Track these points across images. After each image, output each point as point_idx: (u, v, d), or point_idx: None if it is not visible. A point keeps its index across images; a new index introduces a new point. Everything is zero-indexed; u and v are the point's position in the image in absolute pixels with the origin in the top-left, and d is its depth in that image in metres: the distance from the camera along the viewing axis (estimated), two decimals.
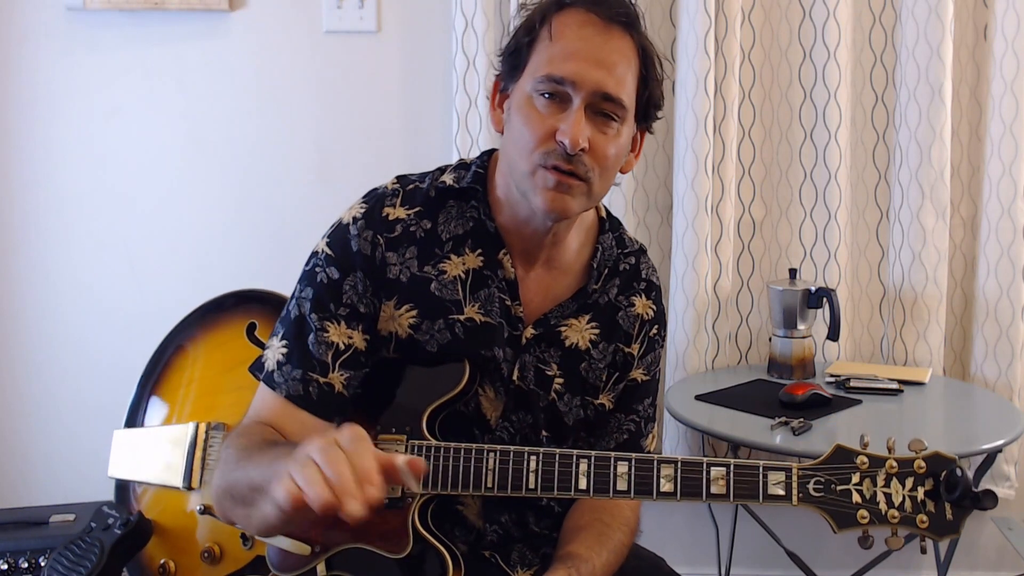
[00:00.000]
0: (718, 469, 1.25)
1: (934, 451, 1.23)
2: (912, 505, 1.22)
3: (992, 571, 2.66)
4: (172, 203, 2.57)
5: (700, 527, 2.57)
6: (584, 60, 1.30)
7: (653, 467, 1.27)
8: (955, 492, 1.19)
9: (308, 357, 1.36)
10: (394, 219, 1.39)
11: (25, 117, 2.53)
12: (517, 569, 1.45)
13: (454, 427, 1.39)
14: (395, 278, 1.38)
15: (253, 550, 1.41)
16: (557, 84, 1.30)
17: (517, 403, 1.42)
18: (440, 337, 1.38)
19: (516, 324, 1.41)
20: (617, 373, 1.48)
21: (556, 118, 1.31)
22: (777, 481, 1.24)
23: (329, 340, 1.36)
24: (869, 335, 2.57)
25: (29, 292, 2.59)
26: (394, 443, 1.34)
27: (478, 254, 1.41)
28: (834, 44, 2.40)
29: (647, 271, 1.53)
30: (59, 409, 2.61)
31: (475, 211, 1.42)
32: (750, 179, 2.51)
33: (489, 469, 1.30)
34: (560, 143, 1.29)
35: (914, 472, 1.22)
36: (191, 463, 1.45)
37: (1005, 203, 2.40)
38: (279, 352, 1.37)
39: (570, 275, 1.46)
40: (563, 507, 1.50)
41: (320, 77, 2.53)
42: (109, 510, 1.48)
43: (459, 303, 1.39)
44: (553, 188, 1.31)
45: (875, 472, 1.23)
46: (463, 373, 1.36)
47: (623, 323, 1.48)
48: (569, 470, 1.29)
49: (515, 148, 1.35)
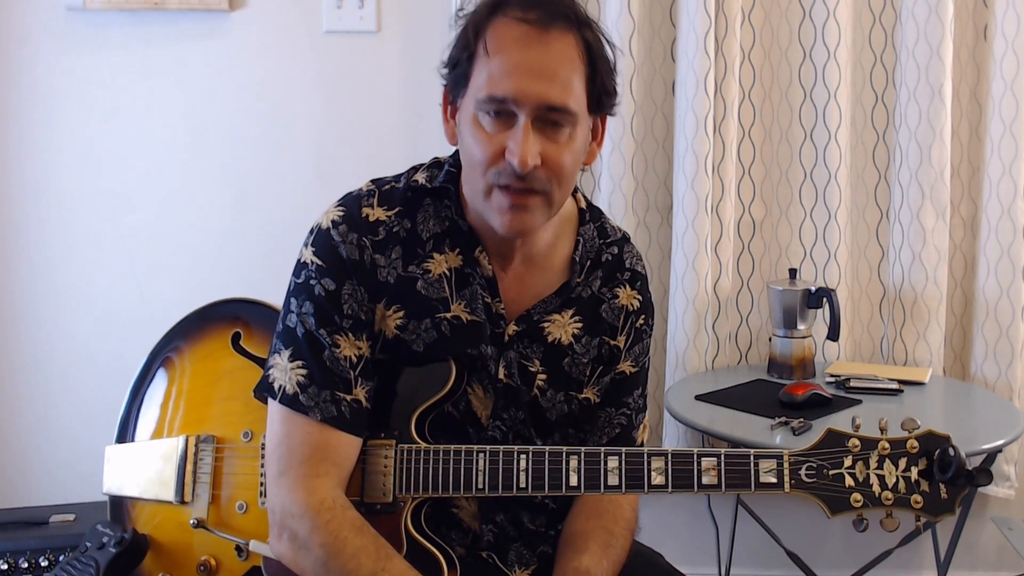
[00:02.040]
0: (709, 459, 1.25)
1: (927, 430, 1.22)
2: (906, 486, 1.21)
3: (992, 571, 2.66)
4: (171, 203, 2.57)
5: (700, 527, 2.57)
6: (524, 74, 1.26)
7: (643, 460, 1.27)
8: (949, 471, 1.18)
9: (331, 376, 1.33)
10: (375, 220, 1.37)
11: (25, 117, 2.52)
12: (515, 568, 1.45)
13: (447, 428, 1.39)
14: (384, 280, 1.37)
15: (248, 561, 1.41)
16: (500, 103, 1.27)
17: (507, 400, 1.41)
18: (427, 336, 1.37)
19: (498, 321, 1.40)
20: (602, 367, 1.47)
21: (504, 135, 1.28)
22: (769, 469, 1.24)
23: (344, 355, 1.34)
24: (869, 335, 2.57)
25: (29, 292, 2.59)
26: (383, 447, 1.34)
27: (457, 253, 1.40)
28: (834, 44, 2.40)
29: (631, 260, 1.51)
30: (59, 409, 2.61)
31: (448, 210, 1.41)
32: (750, 179, 2.51)
33: (479, 470, 1.31)
34: (509, 163, 1.27)
35: (907, 452, 1.22)
36: (182, 477, 1.45)
37: (1005, 203, 2.40)
38: (298, 374, 1.33)
39: (551, 271, 1.44)
40: (557, 504, 1.50)
41: (320, 77, 2.53)
42: (103, 528, 1.47)
43: (446, 301, 1.38)
44: (509, 209, 1.30)
45: (867, 455, 1.22)
46: (450, 373, 1.35)
47: (607, 316, 1.47)
48: (559, 467, 1.29)
49: (468, 167, 1.34)
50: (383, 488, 1.34)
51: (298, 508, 1.29)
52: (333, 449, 1.32)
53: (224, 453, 1.45)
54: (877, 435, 1.23)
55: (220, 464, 1.44)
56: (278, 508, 1.31)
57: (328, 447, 1.32)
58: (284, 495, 1.31)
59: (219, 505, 1.43)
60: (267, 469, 1.35)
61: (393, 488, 1.33)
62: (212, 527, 1.42)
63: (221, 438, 1.45)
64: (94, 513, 2.17)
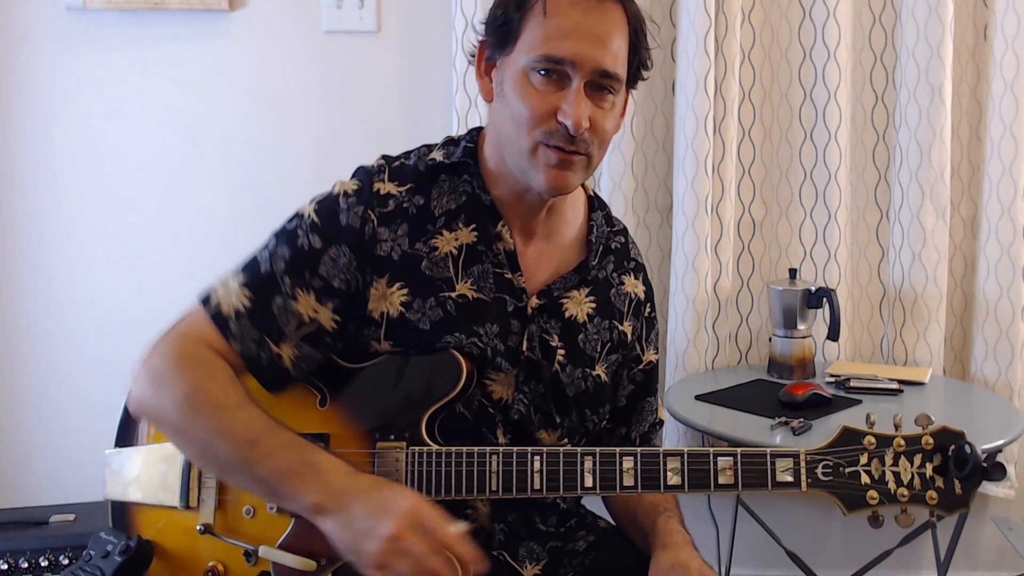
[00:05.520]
0: (725, 459, 1.25)
1: (941, 425, 1.22)
2: (921, 482, 1.22)
3: (992, 571, 2.66)
4: (172, 203, 2.57)
5: (700, 527, 2.57)
6: (582, 38, 1.29)
7: (659, 460, 1.26)
8: (966, 469, 1.18)
9: (271, 321, 1.33)
10: (386, 194, 1.38)
11: (25, 117, 2.52)
12: (526, 564, 1.44)
13: (465, 423, 1.38)
14: (386, 255, 1.37)
15: (257, 567, 1.38)
16: (556, 64, 1.29)
17: (528, 374, 1.41)
18: (432, 315, 1.37)
19: (520, 295, 1.41)
20: (610, 344, 1.48)
21: (555, 96, 1.30)
22: (785, 468, 1.24)
23: (296, 310, 1.33)
24: (869, 335, 2.57)
25: (29, 292, 2.58)
26: (393, 451, 1.33)
27: (472, 229, 1.40)
28: (834, 44, 2.40)
29: (635, 251, 1.57)
30: (59, 409, 2.61)
31: (468, 185, 1.41)
32: (750, 179, 2.51)
33: (492, 472, 1.29)
34: (562, 124, 1.29)
35: (922, 448, 1.22)
36: (187, 481, 1.41)
37: (1005, 203, 2.40)
38: (241, 300, 1.34)
39: (569, 249, 1.47)
40: (568, 504, 1.50)
41: (320, 77, 2.53)
42: (107, 536, 1.42)
43: (450, 280, 1.38)
44: (556, 166, 1.32)
45: (883, 452, 1.23)
46: (460, 371, 1.34)
47: (615, 300, 1.50)
48: (574, 468, 1.28)
49: (512, 125, 1.34)
50: None
51: (166, 345, 1.32)
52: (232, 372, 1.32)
53: None
54: (892, 432, 1.23)
55: None
56: (143, 355, 1.32)
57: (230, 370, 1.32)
58: (154, 345, 1.33)
59: (226, 510, 1.39)
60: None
61: None
62: (219, 532, 1.38)
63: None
64: (94, 513, 2.17)
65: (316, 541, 1.31)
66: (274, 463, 1.25)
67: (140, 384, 1.33)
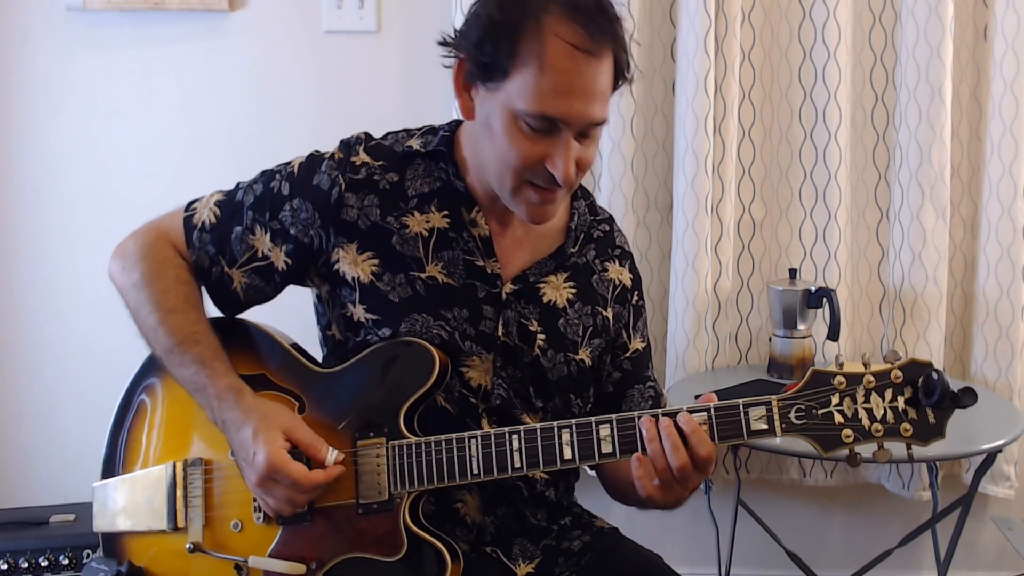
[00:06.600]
0: (700, 415, 1.26)
1: (909, 359, 1.23)
2: (894, 416, 1.22)
3: (992, 571, 2.66)
4: (172, 203, 2.55)
5: (700, 527, 2.57)
6: (577, 96, 1.29)
7: (635, 424, 1.28)
8: (933, 396, 1.19)
9: (227, 245, 1.43)
10: (360, 163, 1.43)
11: (25, 117, 2.52)
12: (519, 563, 1.45)
13: (449, 400, 1.40)
14: (353, 221, 1.40)
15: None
16: (549, 120, 1.29)
17: (505, 359, 1.42)
18: (402, 291, 1.40)
19: (493, 281, 1.42)
20: (592, 328, 1.49)
21: (545, 144, 1.31)
22: (759, 416, 1.25)
23: (251, 243, 1.43)
24: (869, 335, 2.57)
25: (29, 292, 2.59)
26: (374, 447, 1.34)
27: (444, 215, 1.42)
28: (834, 44, 2.40)
29: (620, 239, 1.57)
30: (59, 409, 2.61)
31: (443, 172, 1.44)
32: (750, 179, 2.51)
33: (472, 455, 1.32)
34: (550, 173, 1.31)
35: (892, 383, 1.23)
36: (174, 504, 1.43)
37: (1005, 203, 2.40)
38: (210, 216, 1.45)
39: (547, 235, 1.48)
40: (558, 497, 1.51)
41: (320, 77, 2.53)
42: (99, 564, 1.44)
43: (420, 261, 1.40)
44: (539, 205, 1.36)
45: (853, 390, 1.23)
46: (433, 363, 1.35)
47: (597, 287, 1.51)
48: (552, 442, 1.30)
49: (498, 161, 1.34)
50: (378, 487, 1.34)
51: (141, 233, 1.47)
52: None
53: (213, 474, 1.42)
54: (861, 370, 1.23)
55: (210, 486, 1.42)
56: (126, 236, 1.47)
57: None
58: (139, 228, 1.48)
59: (214, 527, 1.41)
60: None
61: (388, 485, 1.34)
62: (209, 549, 1.40)
63: (208, 460, 1.43)
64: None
65: (305, 546, 1.34)
66: (184, 373, 1.38)
67: (114, 259, 1.47)
